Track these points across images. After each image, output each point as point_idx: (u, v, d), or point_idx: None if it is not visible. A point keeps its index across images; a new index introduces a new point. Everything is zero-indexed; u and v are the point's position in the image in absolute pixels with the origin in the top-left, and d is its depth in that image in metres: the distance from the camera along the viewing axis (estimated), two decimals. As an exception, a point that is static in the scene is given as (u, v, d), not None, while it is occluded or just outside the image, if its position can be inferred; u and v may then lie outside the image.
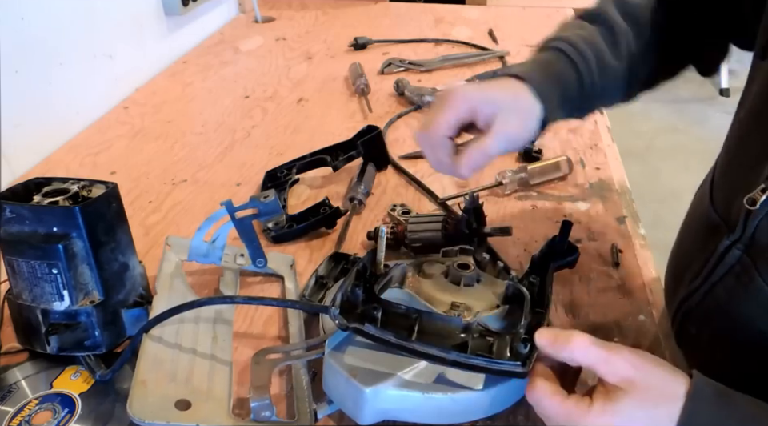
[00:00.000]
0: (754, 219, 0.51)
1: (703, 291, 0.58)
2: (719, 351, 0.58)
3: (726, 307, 0.56)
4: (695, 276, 0.58)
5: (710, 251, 0.56)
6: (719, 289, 0.56)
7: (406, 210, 0.84)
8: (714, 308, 0.57)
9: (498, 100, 0.58)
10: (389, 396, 0.51)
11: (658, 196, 1.76)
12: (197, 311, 0.64)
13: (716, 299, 0.56)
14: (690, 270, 0.60)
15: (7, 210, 0.57)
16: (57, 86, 1.04)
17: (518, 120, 0.58)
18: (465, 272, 0.60)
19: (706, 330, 0.59)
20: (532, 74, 0.61)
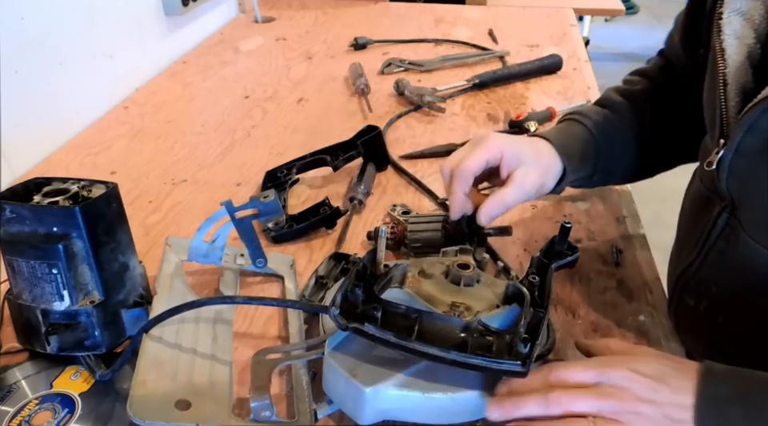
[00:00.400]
0: (721, 180, 0.55)
1: (699, 261, 0.61)
2: (718, 316, 0.61)
3: (718, 271, 0.60)
4: (692, 249, 0.62)
5: (704, 222, 0.60)
6: (713, 254, 0.60)
7: (406, 210, 0.84)
8: (709, 275, 0.61)
9: (522, 153, 0.65)
10: (389, 396, 0.51)
11: (658, 196, 1.77)
12: (197, 311, 0.64)
13: (710, 266, 0.60)
14: (687, 246, 0.64)
15: (7, 211, 0.57)
16: (57, 86, 1.04)
17: (537, 174, 0.66)
18: (465, 272, 0.60)
19: (703, 299, 0.62)
20: (552, 134, 0.71)
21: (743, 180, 0.54)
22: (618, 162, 0.74)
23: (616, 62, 4.03)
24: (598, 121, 0.72)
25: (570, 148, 0.70)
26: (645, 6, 4.99)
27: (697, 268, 0.62)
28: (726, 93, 0.55)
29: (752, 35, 0.55)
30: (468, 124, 1.11)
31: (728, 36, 0.55)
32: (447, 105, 1.17)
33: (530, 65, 1.29)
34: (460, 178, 0.64)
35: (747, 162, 0.53)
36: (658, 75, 0.78)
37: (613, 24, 4.67)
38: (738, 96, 0.54)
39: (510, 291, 0.57)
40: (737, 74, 0.55)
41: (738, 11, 0.55)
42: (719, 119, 0.56)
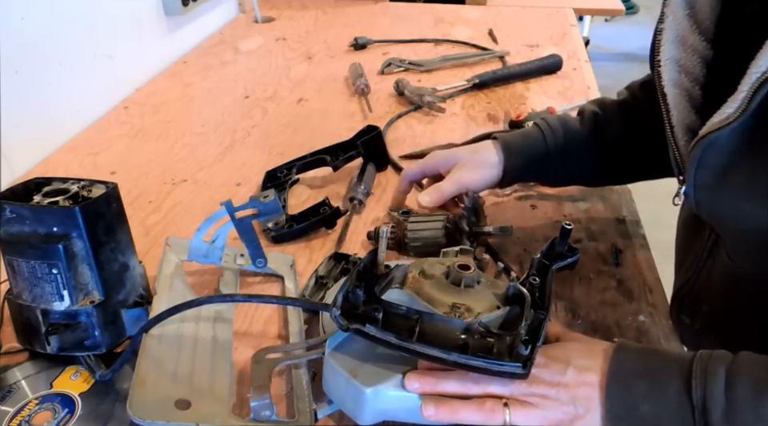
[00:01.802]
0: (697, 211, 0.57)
1: (693, 280, 0.64)
2: (711, 335, 0.63)
3: (708, 289, 0.62)
4: (689, 268, 0.64)
5: (698, 242, 0.63)
6: (703, 274, 0.62)
7: (406, 210, 0.84)
8: (702, 293, 0.63)
9: (455, 157, 0.77)
10: (389, 397, 0.51)
11: (658, 196, 1.77)
12: (197, 311, 0.64)
13: (701, 285, 0.63)
14: (684, 264, 0.66)
15: (7, 211, 0.57)
16: (57, 86, 1.04)
17: (470, 168, 0.75)
18: (465, 273, 0.59)
19: (697, 318, 0.64)
20: (503, 134, 0.79)
21: (709, 211, 0.56)
22: (573, 166, 0.78)
23: (616, 62, 4.03)
24: (555, 126, 0.77)
25: (515, 145, 0.76)
26: (645, 6, 4.99)
27: (691, 286, 0.64)
28: (674, 134, 0.58)
29: (688, 80, 0.58)
30: (468, 124, 1.11)
31: (666, 82, 0.58)
32: (447, 105, 1.17)
33: (529, 65, 1.29)
34: (400, 181, 0.82)
35: (707, 195, 0.55)
36: (639, 91, 0.80)
37: (613, 24, 4.67)
38: (685, 135, 0.57)
39: (511, 292, 0.57)
40: (680, 116, 0.58)
41: (673, 59, 0.58)
42: (674, 159, 0.59)
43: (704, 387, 0.47)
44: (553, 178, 0.82)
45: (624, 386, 0.49)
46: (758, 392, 0.46)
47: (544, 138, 0.77)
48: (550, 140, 0.76)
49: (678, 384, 0.48)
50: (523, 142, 0.77)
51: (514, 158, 0.76)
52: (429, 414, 0.50)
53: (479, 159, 0.76)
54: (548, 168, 0.78)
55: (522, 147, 0.77)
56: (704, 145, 0.52)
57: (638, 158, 0.78)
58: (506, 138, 0.78)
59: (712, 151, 0.52)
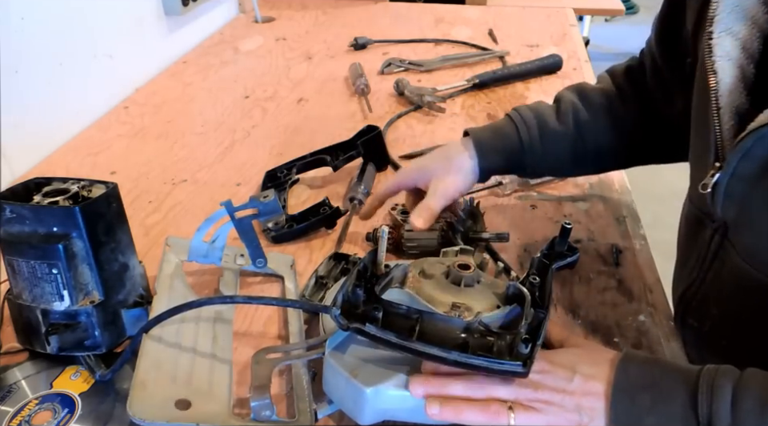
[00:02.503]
0: (716, 203, 0.55)
1: (699, 282, 0.61)
2: (721, 338, 0.61)
3: (717, 292, 0.60)
4: (692, 269, 0.62)
5: (699, 243, 0.60)
6: (710, 276, 0.60)
7: (406, 210, 0.84)
8: (709, 295, 0.61)
9: (428, 169, 0.75)
10: (389, 396, 0.51)
11: (658, 196, 1.77)
12: (197, 311, 0.64)
13: (708, 287, 0.60)
14: (687, 265, 0.64)
15: (7, 211, 0.57)
16: (57, 86, 1.04)
17: (450, 178, 0.73)
18: (465, 273, 0.59)
19: (706, 320, 0.62)
20: (476, 130, 0.77)
21: (739, 204, 0.53)
22: (549, 158, 0.76)
23: (616, 62, 4.02)
24: (528, 118, 0.76)
25: (488, 143, 0.75)
26: (645, 6, 4.99)
27: (697, 288, 0.62)
28: (719, 116, 0.53)
29: (744, 56, 0.53)
30: (468, 124, 1.11)
31: (719, 58, 0.53)
32: (447, 105, 1.17)
33: (529, 65, 1.29)
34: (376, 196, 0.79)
35: (743, 187, 0.52)
36: (622, 78, 0.79)
37: (613, 24, 4.67)
38: (732, 119, 0.53)
39: (511, 291, 0.57)
40: (730, 96, 0.53)
41: (729, 31, 0.53)
42: (714, 143, 0.54)
43: (710, 403, 0.46)
44: (529, 172, 0.81)
45: (629, 397, 0.49)
46: (764, 411, 0.45)
47: (517, 132, 0.75)
48: (524, 134, 0.75)
49: (683, 399, 0.47)
50: (496, 137, 0.76)
51: (489, 157, 0.75)
52: (433, 413, 0.50)
53: (455, 166, 0.74)
54: (523, 162, 0.76)
55: (496, 144, 0.75)
56: (759, 135, 0.48)
57: (619, 148, 0.77)
58: (478, 136, 0.76)
59: (763, 142, 0.49)
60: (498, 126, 0.78)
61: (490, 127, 0.78)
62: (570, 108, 0.76)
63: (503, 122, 0.78)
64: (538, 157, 0.76)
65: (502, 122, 0.78)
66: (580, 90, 0.79)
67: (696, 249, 0.61)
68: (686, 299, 0.64)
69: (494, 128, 0.78)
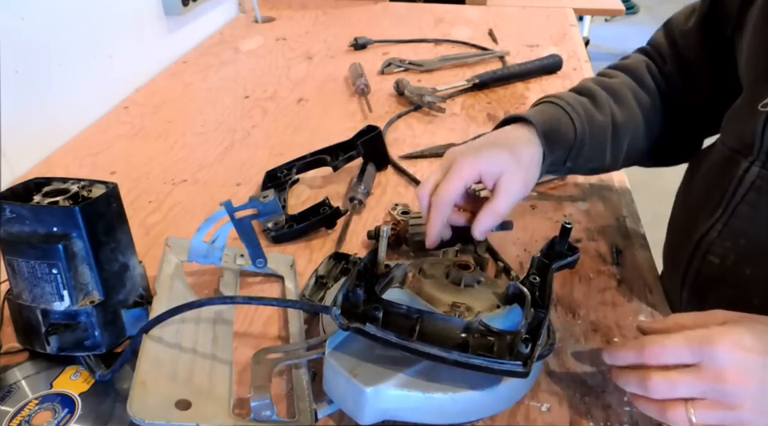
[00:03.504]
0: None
1: (726, 217, 0.63)
2: (744, 270, 0.62)
3: (749, 223, 0.61)
4: (714, 210, 0.63)
5: (726, 182, 0.62)
6: (742, 208, 0.61)
7: (406, 210, 0.84)
8: (739, 228, 0.62)
9: (500, 162, 0.62)
10: (389, 396, 0.51)
11: (658, 196, 1.77)
12: (197, 312, 0.64)
13: (739, 220, 0.62)
14: (705, 210, 0.65)
15: (7, 211, 0.57)
16: (57, 86, 1.04)
17: (521, 176, 0.63)
18: (465, 272, 0.60)
19: (730, 254, 0.63)
20: (534, 116, 0.68)
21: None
22: (591, 149, 0.72)
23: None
24: (575, 107, 0.71)
25: (553, 131, 0.67)
26: (645, 6, 4.99)
27: (723, 226, 0.63)
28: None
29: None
30: (468, 124, 1.11)
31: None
32: (447, 105, 1.17)
33: (529, 65, 1.29)
34: (438, 208, 0.62)
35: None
36: (640, 73, 0.78)
37: (613, 24, 4.68)
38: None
39: (511, 291, 0.57)
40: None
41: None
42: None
43: None
44: (567, 167, 0.73)
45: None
46: None
47: (573, 122, 0.69)
48: (579, 124, 0.70)
49: None
50: (557, 127, 0.68)
51: (555, 149, 0.68)
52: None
53: (525, 159, 0.64)
54: (567, 158, 0.71)
55: (559, 134, 0.68)
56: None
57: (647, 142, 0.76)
58: (542, 124, 0.67)
59: None
60: (555, 114, 0.70)
61: (546, 114, 0.70)
62: (605, 100, 0.73)
63: (557, 111, 0.70)
64: (585, 150, 0.71)
65: (556, 111, 0.70)
66: (603, 83, 0.75)
67: (721, 188, 0.63)
68: (707, 240, 0.64)
69: (550, 116, 0.69)
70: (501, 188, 0.62)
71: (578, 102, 0.72)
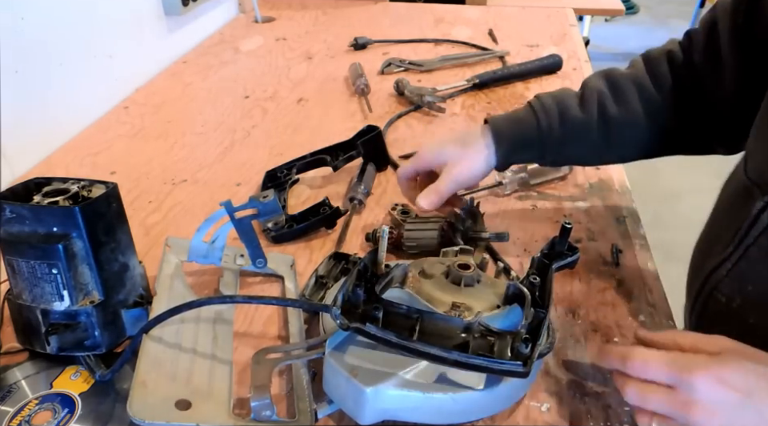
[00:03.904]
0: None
1: (736, 257, 0.59)
2: (748, 317, 0.58)
3: (759, 268, 0.57)
4: (728, 244, 0.60)
5: (742, 217, 0.58)
6: (753, 251, 0.57)
7: (406, 210, 0.85)
8: (747, 272, 0.58)
9: (446, 154, 0.74)
10: (389, 396, 0.51)
11: (658, 196, 1.76)
12: (197, 311, 0.64)
13: (749, 262, 0.58)
14: (720, 242, 0.61)
15: (7, 211, 0.57)
16: (57, 86, 1.04)
17: (464, 163, 0.73)
18: (465, 272, 0.60)
19: (736, 297, 0.60)
20: (495, 118, 0.76)
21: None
22: (570, 149, 0.74)
23: (616, 62, 4.00)
24: (550, 107, 0.74)
25: (506, 132, 0.74)
26: (645, 6, 4.99)
27: (733, 264, 0.60)
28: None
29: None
30: (468, 124, 1.11)
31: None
32: (447, 105, 1.17)
33: (530, 65, 1.29)
34: (399, 184, 0.79)
35: None
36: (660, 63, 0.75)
37: (613, 24, 4.68)
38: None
39: (511, 291, 0.57)
40: None
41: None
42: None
43: None
44: (549, 161, 0.78)
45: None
46: None
47: (537, 120, 0.73)
48: (544, 122, 0.73)
49: None
50: (514, 125, 0.74)
51: (506, 145, 0.73)
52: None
53: (470, 152, 0.73)
54: (542, 151, 0.74)
55: (514, 132, 0.74)
56: None
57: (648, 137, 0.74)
58: (497, 124, 0.74)
59: None
60: (518, 114, 0.76)
61: (510, 115, 0.76)
62: (595, 95, 0.74)
63: (523, 110, 0.76)
64: (557, 146, 0.74)
65: (522, 110, 0.76)
66: (609, 76, 0.76)
67: (737, 222, 0.59)
68: (716, 276, 0.62)
69: (514, 116, 0.76)
70: (442, 173, 0.73)
71: (556, 99, 0.75)
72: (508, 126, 0.74)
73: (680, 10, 4.78)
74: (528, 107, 0.76)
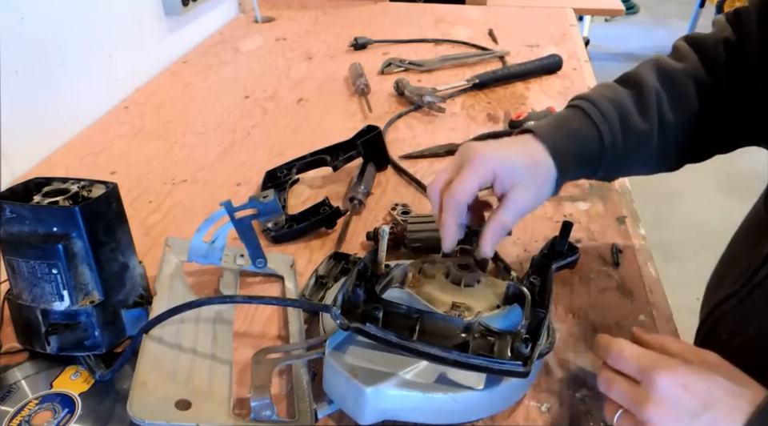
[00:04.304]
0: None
1: (742, 295, 0.56)
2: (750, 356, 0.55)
3: (761, 311, 0.54)
4: (737, 279, 0.57)
5: (755, 254, 0.55)
6: (758, 293, 0.54)
7: (406, 210, 0.85)
8: (750, 313, 0.55)
9: (517, 171, 0.58)
10: (389, 396, 0.51)
11: (658, 196, 1.76)
12: (197, 311, 0.64)
13: (754, 304, 0.55)
14: (732, 273, 0.59)
15: (7, 210, 0.57)
16: (57, 86, 1.04)
17: (533, 191, 0.59)
18: (465, 273, 0.60)
19: (737, 337, 0.57)
20: (547, 131, 0.61)
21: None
22: (630, 157, 0.65)
23: (616, 62, 4.03)
24: (610, 114, 0.63)
25: (567, 151, 0.62)
26: (645, 6, 4.99)
27: (738, 301, 0.57)
28: None
29: None
30: (468, 124, 1.11)
31: None
32: (447, 105, 1.17)
33: (530, 65, 1.29)
34: (452, 210, 0.57)
35: None
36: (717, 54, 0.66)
37: (613, 24, 4.68)
38: None
39: (511, 291, 0.57)
40: None
41: None
42: None
43: None
44: (600, 177, 0.68)
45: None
46: None
47: (599, 136, 0.62)
48: (607, 137, 0.62)
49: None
50: (576, 144, 0.62)
51: (569, 169, 0.62)
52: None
53: (541, 175, 0.60)
54: (597, 169, 0.65)
55: (575, 154, 0.62)
56: None
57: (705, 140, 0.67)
58: (555, 144, 0.61)
59: None
60: (575, 126, 0.63)
61: (566, 129, 0.63)
62: (655, 100, 0.64)
63: (582, 123, 0.63)
64: (618, 162, 0.65)
65: (581, 122, 0.63)
66: (662, 72, 0.66)
67: (748, 259, 0.56)
68: (721, 309, 0.58)
69: (573, 132, 0.63)
70: (510, 200, 0.58)
71: (615, 105, 0.64)
72: (569, 145, 0.62)
73: (680, 10, 4.78)
74: (584, 116, 0.63)
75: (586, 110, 0.63)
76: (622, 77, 0.68)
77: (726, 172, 0.58)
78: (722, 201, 2.24)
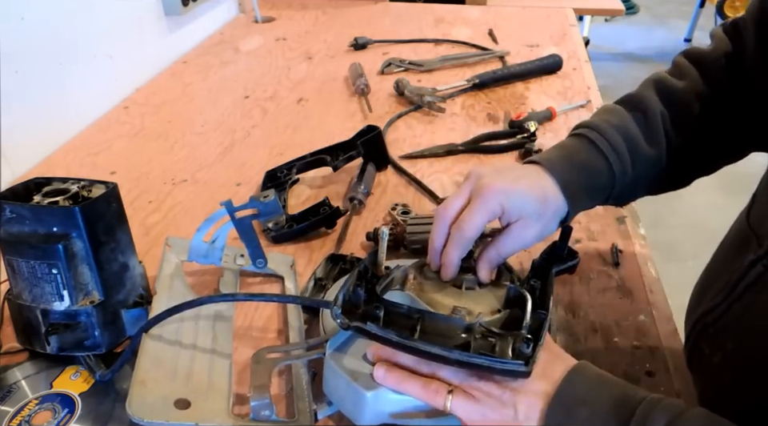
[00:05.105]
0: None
1: (721, 310, 0.56)
2: (728, 374, 0.55)
3: (740, 326, 0.54)
4: (717, 293, 0.56)
5: (735, 267, 0.55)
6: (737, 307, 0.54)
7: (406, 210, 0.85)
8: (729, 328, 0.55)
9: (526, 204, 0.58)
10: (389, 400, 0.51)
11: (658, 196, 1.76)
12: (197, 311, 0.64)
13: (732, 318, 0.55)
14: (713, 287, 0.58)
15: (7, 210, 0.57)
16: (56, 86, 1.04)
17: (539, 228, 0.59)
18: (466, 276, 0.59)
19: (718, 351, 0.56)
20: (556, 163, 0.61)
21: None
22: (640, 183, 0.65)
23: (616, 62, 4.03)
24: (618, 145, 0.62)
25: (577, 185, 0.61)
26: (645, 6, 4.99)
27: (719, 316, 0.56)
28: None
29: None
30: (468, 124, 1.11)
31: None
32: (447, 105, 1.17)
33: (530, 65, 1.29)
34: (459, 244, 0.58)
35: None
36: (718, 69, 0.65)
37: (613, 24, 4.67)
38: None
39: (512, 294, 0.57)
40: None
41: None
42: None
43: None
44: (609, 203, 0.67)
45: (566, 410, 0.48)
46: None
47: (610, 168, 0.62)
48: (617, 168, 0.62)
49: (615, 423, 0.46)
50: (586, 179, 0.61)
51: (579, 203, 0.62)
52: (378, 375, 0.51)
53: (549, 215, 0.59)
54: (606, 198, 0.64)
55: (584, 188, 0.61)
56: None
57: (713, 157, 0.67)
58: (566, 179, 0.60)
59: None
60: (586, 161, 0.62)
61: (575, 162, 0.62)
62: (660, 123, 0.64)
63: (590, 154, 0.62)
64: (628, 190, 0.64)
65: (588, 154, 0.62)
66: (665, 92, 0.65)
67: (729, 273, 0.55)
68: (702, 323, 0.58)
69: (582, 164, 0.62)
70: (513, 233, 0.58)
71: (622, 133, 0.63)
72: (578, 178, 0.61)
73: (680, 10, 4.78)
74: (592, 147, 0.62)
75: (594, 141, 0.63)
76: (624, 99, 0.67)
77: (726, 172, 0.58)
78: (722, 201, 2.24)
